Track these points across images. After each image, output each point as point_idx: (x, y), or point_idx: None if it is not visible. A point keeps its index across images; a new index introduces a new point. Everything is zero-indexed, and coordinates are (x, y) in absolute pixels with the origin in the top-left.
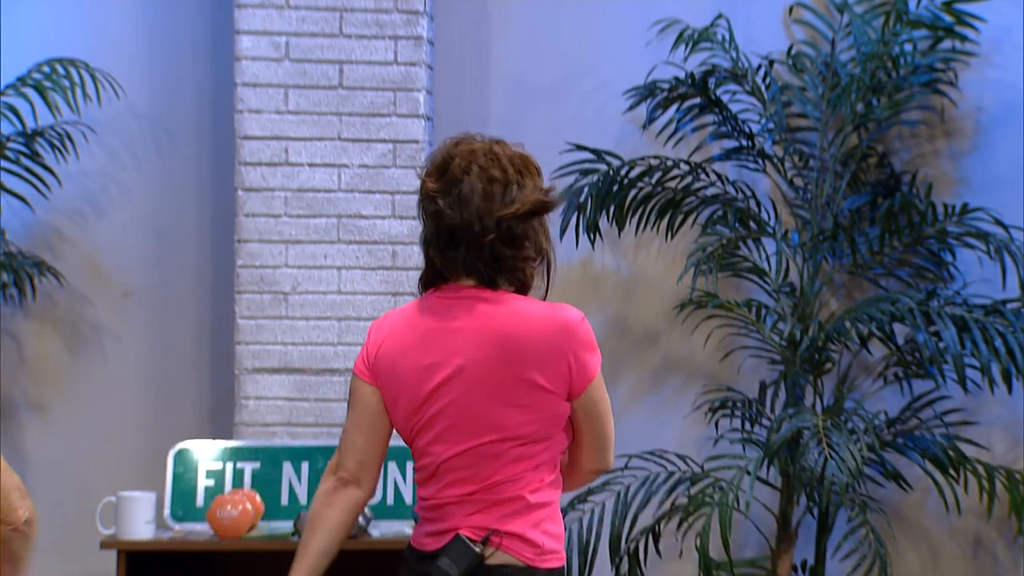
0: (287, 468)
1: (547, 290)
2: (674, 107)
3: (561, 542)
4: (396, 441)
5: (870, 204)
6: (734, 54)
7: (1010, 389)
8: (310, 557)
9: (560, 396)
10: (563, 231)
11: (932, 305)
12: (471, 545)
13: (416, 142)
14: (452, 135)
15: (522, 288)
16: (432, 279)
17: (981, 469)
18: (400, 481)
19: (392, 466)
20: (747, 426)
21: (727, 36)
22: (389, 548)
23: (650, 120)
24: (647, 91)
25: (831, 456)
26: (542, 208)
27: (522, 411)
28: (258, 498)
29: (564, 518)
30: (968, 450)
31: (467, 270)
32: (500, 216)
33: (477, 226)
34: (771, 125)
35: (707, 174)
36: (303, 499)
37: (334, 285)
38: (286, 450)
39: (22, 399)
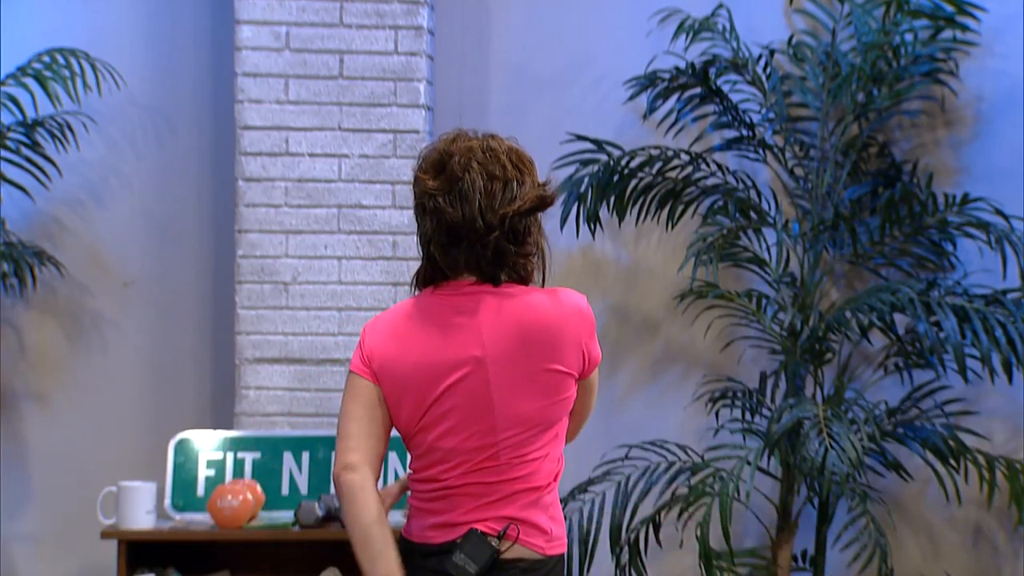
0: (288, 458)
1: (543, 282)
2: (675, 97)
3: (563, 526)
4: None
5: (871, 194)
6: (735, 44)
7: (1010, 379)
8: (390, 545)
9: (575, 379)
10: (564, 221)
11: (933, 295)
12: (488, 540)
13: (416, 132)
14: (444, 131)
15: (522, 282)
16: (431, 276)
17: (981, 459)
18: (400, 471)
19: (393, 456)
20: (747, 416)
21: (728, 26)
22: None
23: (651, 110)
24: (647, 81)
25: (831, 446)
26: (543, 204)
27: (543, 398)
28: (259, 488)
29: (564, 508)
30: (968, 440)
31: (468, 267)
32: (503, 213)
33: (480, 223)
34: (772, 115)
35: (707, 164)
36: (304, 489)
37: (334, 275)
38: (287, 440)
39: (23, 389)
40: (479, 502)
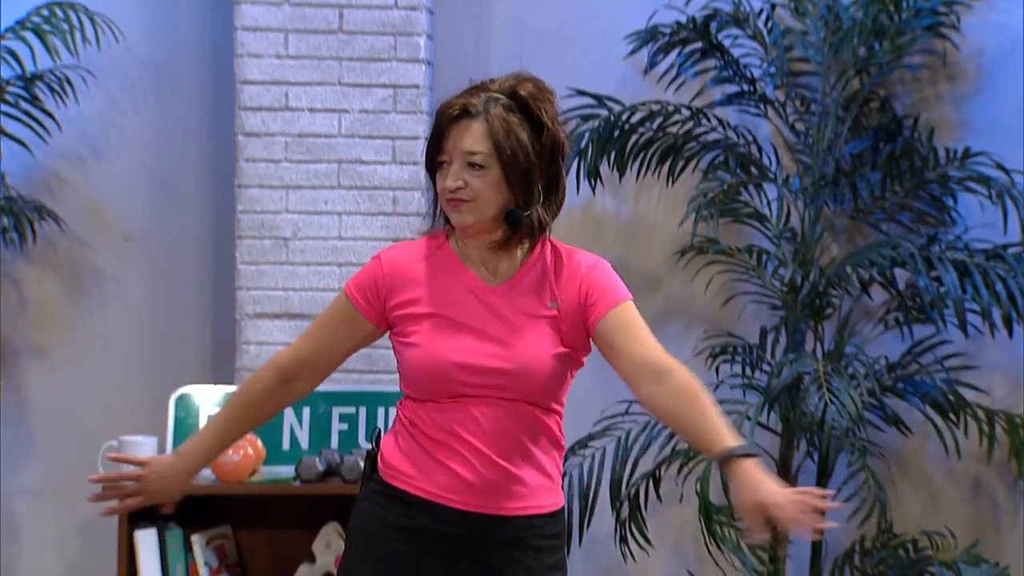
0: (288, 413)
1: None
2: (675, 52)
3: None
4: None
5: (872, 149)
6: None
7: (1011, 333)
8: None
9: None
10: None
11: (933, 250)
12: None
13: (417, 87)
14: (445, 86)
15: None
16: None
17: (981, 413)
18: None
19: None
20: (748, 371)
21: None
22: None
23: (651, 65)
24: (648, 36)
25: (831, 401)
26: None
27: None
28: (259, 443)
29: (565, 463)
30: (968, 394)
31: None
32: None
33: None
34: (773, 70)
35: (708, 119)
36: (304, 444)
37: (335, 231)
38: None
39: (23, 344)
40: None
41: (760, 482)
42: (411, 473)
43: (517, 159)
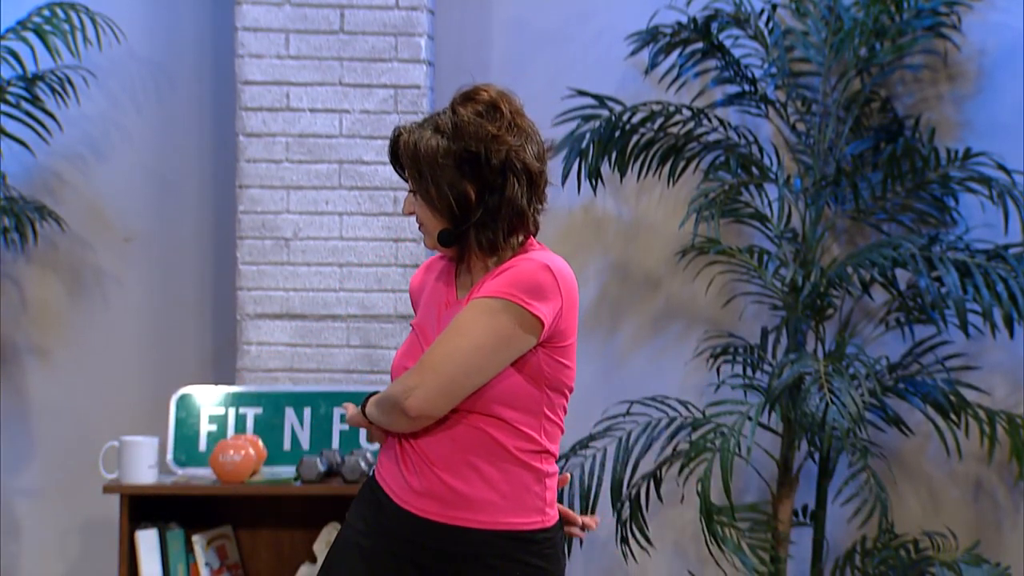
0: (289, 413)
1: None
2: (676, 52)
3: None
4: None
5: (873, 149)
6: None
7: (1011, 334)
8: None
9: None
10: (565, 177)
11: (934, 250)
12: None
13: (417, 87)
14: (446, 87)
15: None
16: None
17: (982, 414)
18: None
19: None
20: (748, 372)
21: None
22: None
23: (652, 65)
24: (649, 36)
25: (832, 401)
26: None
27: None
28: (260, 443)
29: (567, 464)
30: (969, 395)
31: None
32: None
33: None
34: (774, 70)
35: (709, 120)
36: (305, 444)
37: (335, 231)
38: (288, 396)
39: (24, 344)
40: None
41: None
42: (383, 472)
43: (419, 174)
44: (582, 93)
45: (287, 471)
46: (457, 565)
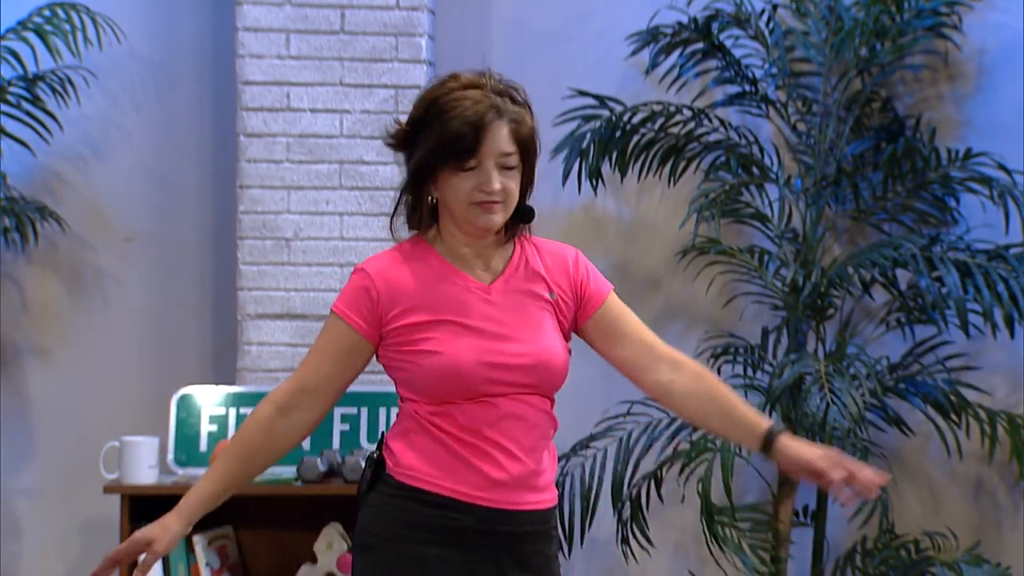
0: None
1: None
2: (677, 52)
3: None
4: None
5: (873, 149)
6: None
7: (1012, 334)
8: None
9: None
10: (565, 177)
11: (935, 250)
12: None
13: (418, 87)
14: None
15: None
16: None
17: (983, 414)
18: None
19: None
20: (749, 372)
21: None
22: None
23: (653, 65)
24: (650, 36)
25: (833, 401)
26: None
27: None
28: None
29: (567, 464)
30: (970, 395)
31: None
32: None
33: None
34: (774, 70)
35: (710, 120)
36: (306, 444)
37: (336, 231)
38: None
39: (24, 344)
40: None
41: (806, 447)
42: (434, 473)
43: (532, 156)
44: (582, 93)
45: (287, 471)
46: (536, 542)
